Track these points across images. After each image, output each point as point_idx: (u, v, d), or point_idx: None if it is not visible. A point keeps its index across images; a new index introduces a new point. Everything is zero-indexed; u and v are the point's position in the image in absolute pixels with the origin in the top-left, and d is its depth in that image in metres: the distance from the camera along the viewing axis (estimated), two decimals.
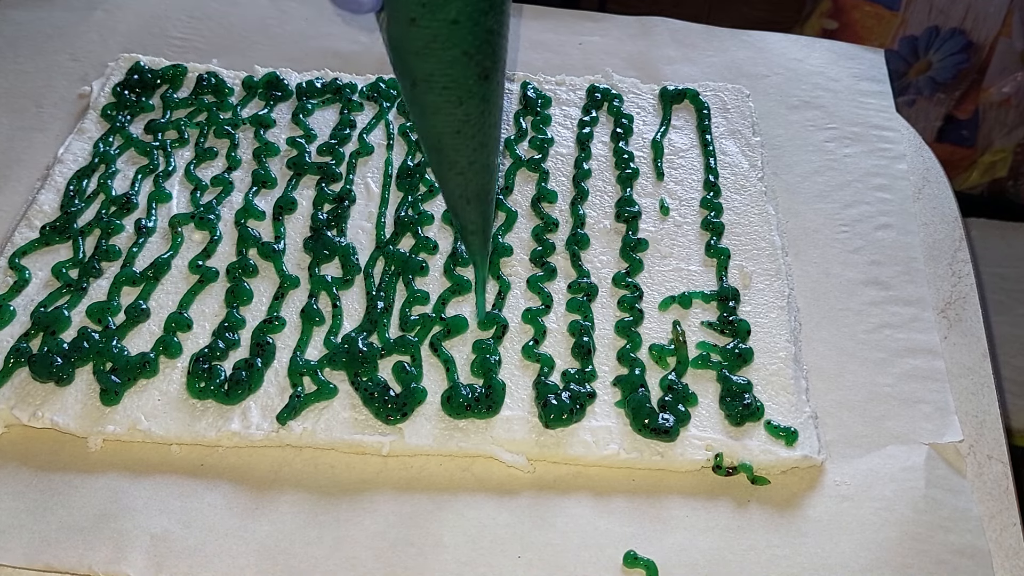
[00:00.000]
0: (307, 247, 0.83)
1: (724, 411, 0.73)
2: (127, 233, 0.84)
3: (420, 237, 0.85)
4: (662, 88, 1.01)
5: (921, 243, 0.90)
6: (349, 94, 0.98)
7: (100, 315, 0.76)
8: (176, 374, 0.74)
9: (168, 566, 0.64)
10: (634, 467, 0.72)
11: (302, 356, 0.75)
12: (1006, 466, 0.74)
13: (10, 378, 0.72)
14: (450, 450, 0.71)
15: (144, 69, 0.98)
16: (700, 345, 0.78)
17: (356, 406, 0.72)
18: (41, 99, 0.97)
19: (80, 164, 0.89)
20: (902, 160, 0.98)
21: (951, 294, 0.87)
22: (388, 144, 0.94)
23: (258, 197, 0.88)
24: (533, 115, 0.97)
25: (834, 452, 0.74)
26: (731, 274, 0.84)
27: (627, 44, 1.11)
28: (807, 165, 0.97)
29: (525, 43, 1.09)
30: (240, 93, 0.98)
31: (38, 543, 0.65)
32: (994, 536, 0.70)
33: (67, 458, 0.70)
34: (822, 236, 0.90)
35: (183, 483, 0.69)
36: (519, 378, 0.75)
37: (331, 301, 0.79)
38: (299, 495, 0.69)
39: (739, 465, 0.71)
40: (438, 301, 0.80)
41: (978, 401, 0.79)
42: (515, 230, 0.87)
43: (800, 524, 0.69)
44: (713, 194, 0.91)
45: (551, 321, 0.79)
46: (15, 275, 0.79)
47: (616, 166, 0.93)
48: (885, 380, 0.78)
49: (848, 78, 1.07)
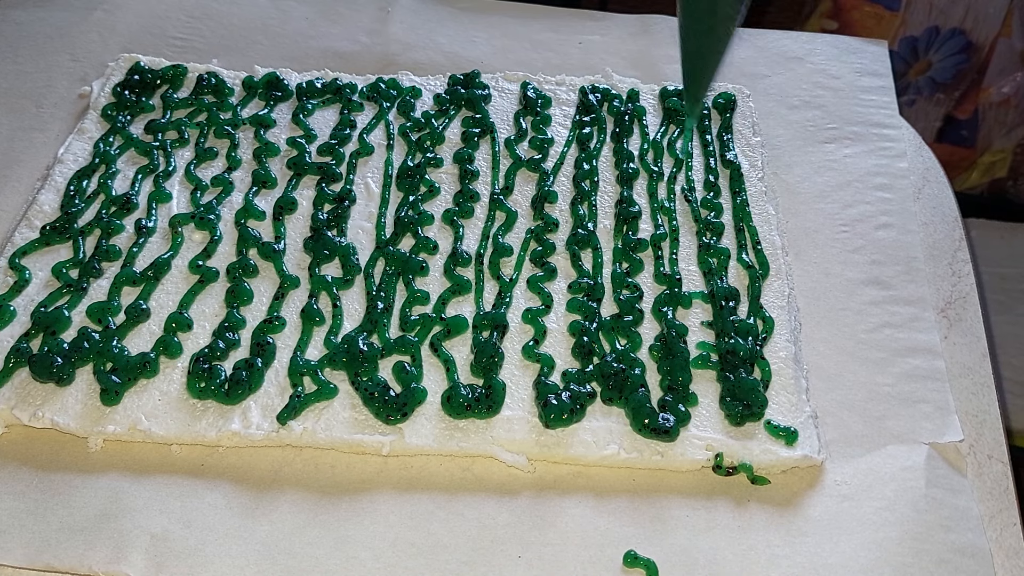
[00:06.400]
0: (307, 247, 0.83)
1: (724, 411, 0.73)
2: (127, 233, 0.84)
3: (420, 237, 0.85)
4: (662, 88, 1.01)
5: (921, 243, 0.90)
6: (349, 94, 0.98)
7: (100, 315, 0.76)
8: (176, 374, 0.74)
9: (168, 566, 0.64)
10: (634, 467, 0.72)
11: (302, 356, 0.75)
12: (1006, 466, 0.74)
13: (10, 378, 0.72)
14: (450, 450, 0.71)
15: (144, 69, 0.98)
16: (700, 345, 0.78)
17: (356, 406, 0.72)
18: (41, 99, 0.97)
19: (80, 164, 0.89)
20: (903, 158, 0.98)
21: (951, 294, 0.87)
22: (388, 144, 0.94)
23: (258, 197, 0.88)
24: (533, 115, 0.97)
25: (834, 452, 0.74)
26: (731, 274, 0.84)
27: (628, 43, 1.11)
28: (807, 165, 0.97)
29: (525, 43, 1.09)
30: (240, 93, 0.98)
31: (38, 543, 0.65)
32: (994, 536, 0.70)
33: (67, 458, 0.70)
34: (822, 236, 0.90)
35: (183, 483, 0.69)
36: (519, 378, 0.75)
37: (331, 301, 0.79)
38: (299, 495, 0.69)
39: (739, 465, 0.71)
40: (438, 301, 0.80)
41: (978, 401, 0.79)
42: (515, 230, 0.87)
43: (800, 524, 0.69)
44: (713, 194, 0.91)
45: (551, 321, 0.79)
46: (15, 275, 0.79)
47: (616, 166, 0.93)
48: (885, 380, 0.78)
49: (850, 74, 1.07)
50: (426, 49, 1.08)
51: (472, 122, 0.96)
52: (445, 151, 0.94)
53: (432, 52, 1.07)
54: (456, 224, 0.86)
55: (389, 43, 1.08)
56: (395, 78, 1.00)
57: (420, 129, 0.95)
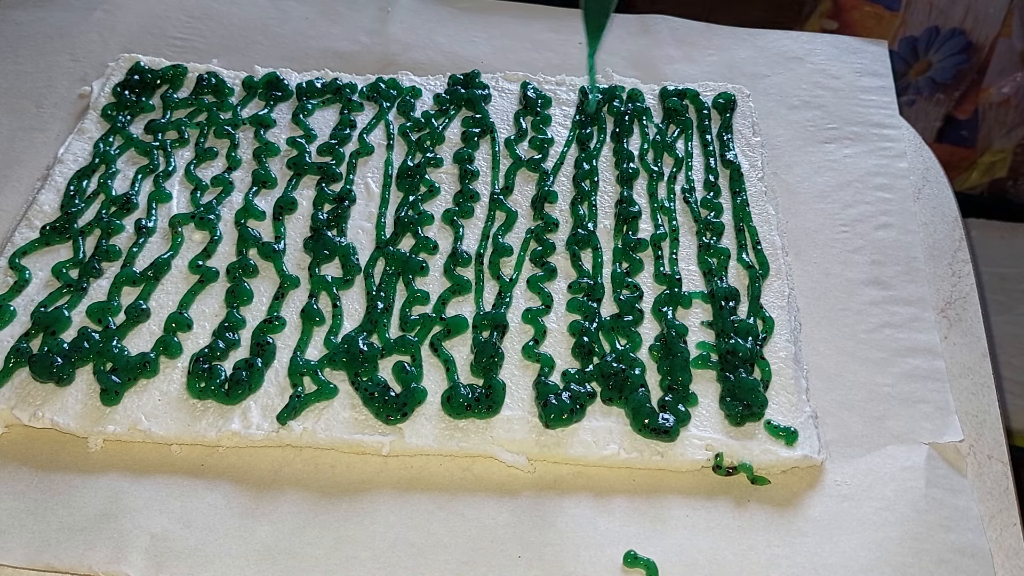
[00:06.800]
0: (307, 247, 0.83)
1: (724, 411, 0.73)
2: (127, 233, 0.84)
3: (420, 237, 0.85)
4: (662, 88, 1.01)
5: (921, 243, 0.90)
6: (349, 94, 0.98)
7: (100, 315, 0.76)
8: (176, 374, 0.74)
9: (168, 566, 0.64)
10: (634, 467, 0.72)
11: (302, 356, 0.75)
12: (1006, 466, 0.74)
13: (10, 378, 0.72)
14: (450, 450, 0.71)
15: (144, 69, 0.98)
16: (700, 345, 0.78)
17: (356, 406, 0.72)
18: (41, 99, 0.97)
19: (80, 164, 0.89)
20: (903, 158, 0.98)
21: (951, 294, 0.87)
22: (388, 144, 0.94)
23: (258, 197, 0.88)
24: (533, 115, 0.97)
25: (834, 452, 0.74)
26: (731, 274, 0.84)
27: (628, 43, 1.11)
28: (807, 165, 0.97)
29: (525, 43, 1.09)
30: (240, 93, 0.98)
31: (38, 543, 0.65)
32: (994, 536, 0.70)
33: (67, 458, 0.70)
34: (822, 236, 0.90)
35: (183, 483, 0.69)
36: (519, 378, 0.75)
37: (331, 301, 0.79)
38: (299, 495, 0.69)
39: (739, 465, 0.71)
40: (438, 301, 0.80)
41: (978, 401, 0.79)
42: (515, 230, 0.87)
43: (800, 524, 0.69)
44: (713, 194, 0.91)
45: (551, 321, 0.79)
46: (15, 275, 0.79)
47: (616, 166, 0.93)
48: (885, 380, 0.78)
49: (850, 74, 1.07)
50: (426, 49, 1.08)
51: (472, 122, 0.96)
52: (445, 151, 0.94)
53: (432, 52, 1.07)
54: (456, 224, 0.86)
55: (389, 43, 1.08)
56: (395, 78, 1.00)
57: (420, 129, 0.95)
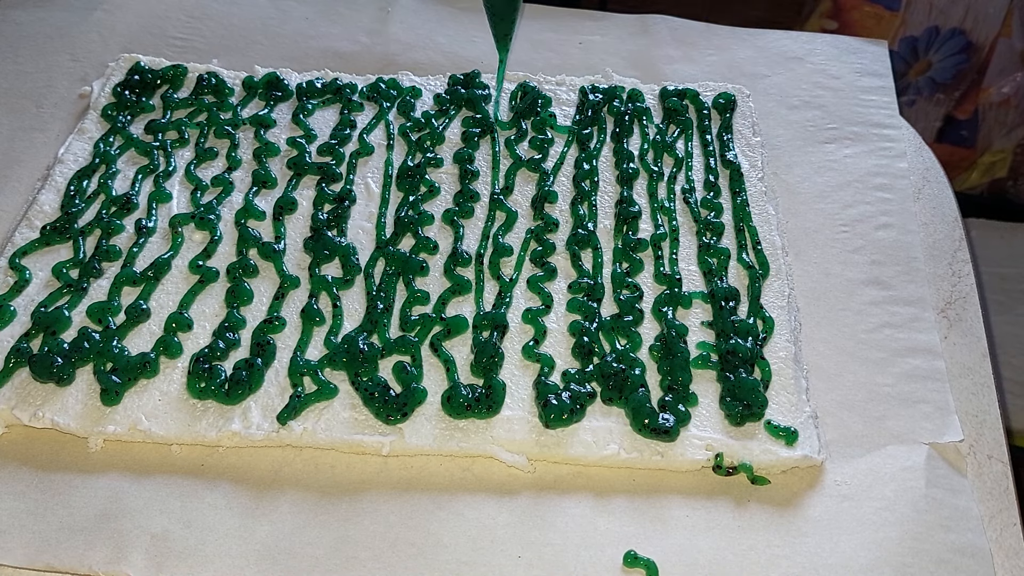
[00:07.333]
0: (307, 247, 0.83)
1: (724, 411, 0.73)
2: (127, 233, 0.84)
3: (420, 237, 0.85)
4: (662, 88, 1.01)
5: (921, 243, 0.90)
6: (349, 94, 0.98)
7: (100, 315, 0.76)
8: (176, 374, 0.74)
9: (168, 566, 0.64)
10: (634, 467, 0.72)
11: (302, 356, 0.75)
12: (1006, 466, 0.74)
13: (10, 378, 0.72)
14: (450, 450, 0.71)
15: (144, 69, 0.98)
16: (700, 345, 0.78)
17: (356, 406, 0.72)
18: (41, 99, 0.97)
19: (80, 164, 0.89)
20: (903, 158, 0.98)
21: (951, 294, 0.87)
22: (388, 144, 0.94)
23: (258, 197, 0.88)
24: (533, 115, 0.97)
25: (834, 452, 0.74)
26: (731, 274, 0.84)
27: (627, 43, 1.11)
28: (807, 165, 0.97)
29: (525, 43, 1.09)
30: (240, 93, 0.98)
31: (38, 543, 0.65)
32: (994, 536, 0.70)
33: (67, 458, 0.70)
34: (822, 236, 0.90)
35: (183, 483, 0.69)
36: (519, 378, 0.75)
37: (331, 301, 0.79)
38: (299, 495, 0.69)
39: (739, 465, 0.71)
40: (438, 301, 0.80)
41: (978, 401, 0.79)
42: (515, 230, 0.87)
43: (800, 524, 0.69)
44: (713, 194, 0.91)
45: (551, 321, 0.79)
46: (15, 275, 0.79)
47: (616, 166, 0.93)
48: (885, 380, 0.78)
49: (850, 74, 1.07)
50: (426, 49, 1.08)
51: (472, 122, 0.96)
52: (445, 151, 0.94)
53: (432, 52, 1.07)
54: (456, 224, 0.86)
55: (389, 43, 1.08)
56: (395, 78, 1.00)
57: (420, 129, 0.95)
